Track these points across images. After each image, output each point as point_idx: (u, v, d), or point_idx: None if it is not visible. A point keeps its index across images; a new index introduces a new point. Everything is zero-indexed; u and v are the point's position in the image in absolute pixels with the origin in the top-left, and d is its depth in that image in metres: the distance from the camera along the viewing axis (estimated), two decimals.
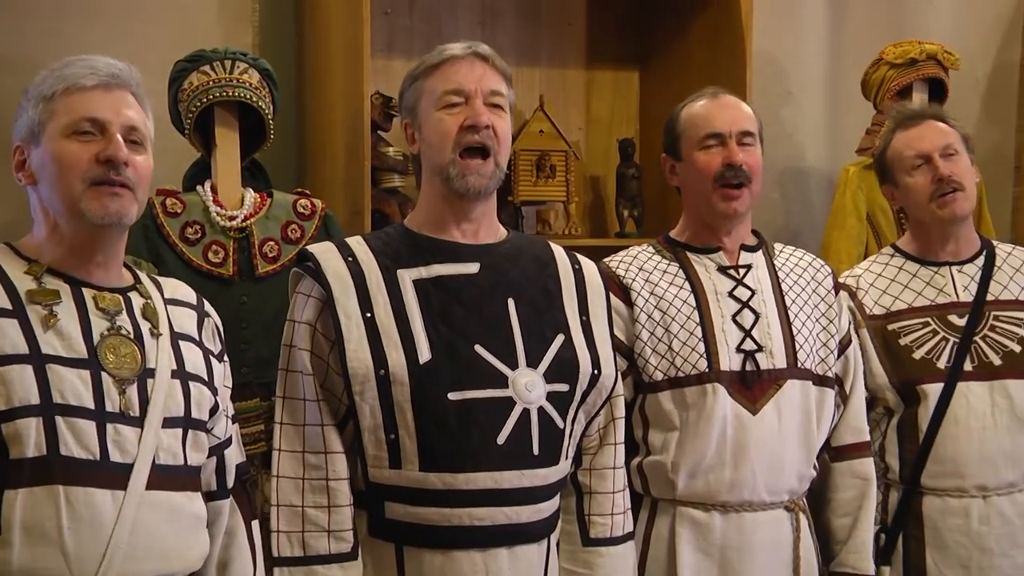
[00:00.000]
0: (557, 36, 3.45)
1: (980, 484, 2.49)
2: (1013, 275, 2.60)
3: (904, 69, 3.36)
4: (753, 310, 2.34)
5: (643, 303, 2.33)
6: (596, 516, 2.11)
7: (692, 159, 2.36)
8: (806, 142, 3.73)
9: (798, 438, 2.33)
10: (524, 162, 3.27)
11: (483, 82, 2.00)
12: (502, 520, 1.94)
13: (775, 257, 2.44)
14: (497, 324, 1.98)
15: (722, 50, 3.19)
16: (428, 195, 2.05)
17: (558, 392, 1.99)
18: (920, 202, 2.57)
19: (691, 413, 2.28)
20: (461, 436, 1.92)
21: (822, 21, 3.74)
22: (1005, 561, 2.49)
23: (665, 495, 2.31)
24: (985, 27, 3.90)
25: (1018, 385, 2.51)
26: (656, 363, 2.30)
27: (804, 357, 2.34)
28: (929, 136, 2.57)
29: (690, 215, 2.44)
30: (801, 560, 2.33)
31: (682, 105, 2.44)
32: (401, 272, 1.98)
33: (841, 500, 2.43)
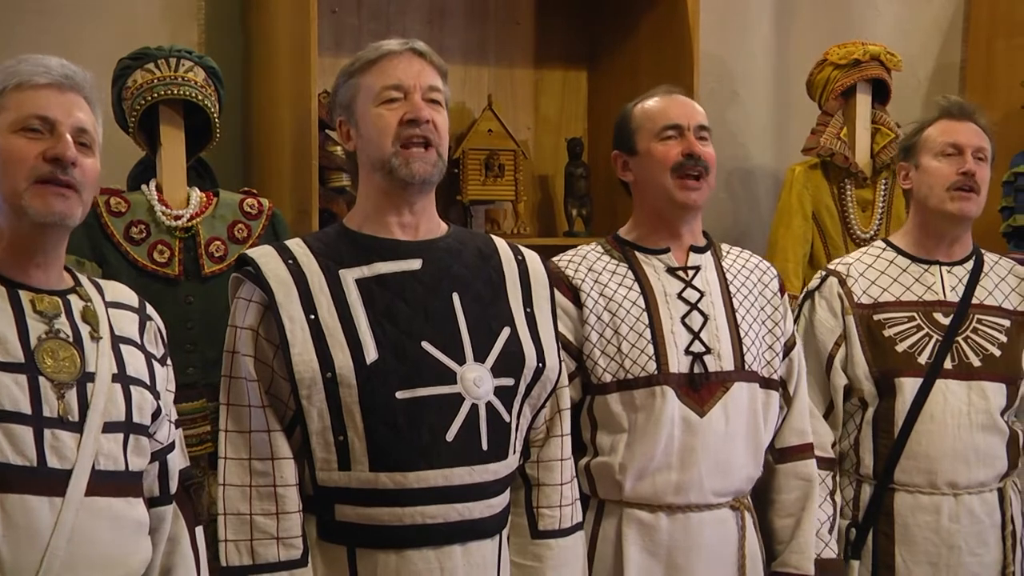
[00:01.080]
0: (505, 35, 3.45)
1: (951, 481, 2.52)
2: (999, 283, 2.64)
3: (848, 70, 3.40)
4: (702, 312, 2.35)
5: (592, 304, 2.33)
6: (544, 508, 2.11)
7: (650, 151, 2.36)
8: (752, 142, 3.76)
9: (745, 440, 2.34)
10: (473, 161, 3.27)
11: (421, 77, 1.99)
12: (454, 517, 1.93)
13: (723, 259, 2.45)
14: (443, 320, 1.97)
15: (669, 51, 3.21)
16: (367, 192, 2.04)
17: (504, 386, 1.99)
18: (936, 187, 2.58)
19: (639, 415, 2.28)
20: (410, 435, 1.91)
21: (767, 23, 3.78)
22: (972, 559, 2.53)
23: (612, 496, 2.32)
24: (926, 30, 3.96)
25: (994, 387, 2.54)
26: (605, 365, 2.31)
27: (751, 359, 2.36)
28: (968, 133, 2.59)
29: (642, 212, 2.44)
30: (747, 559, 2.34)
31: (634, 103, 2.44)
32: (343, 272, 1.97)
33: (784, 501, 2.45)
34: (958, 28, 3.95)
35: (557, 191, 3.49)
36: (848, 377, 2.58)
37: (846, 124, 3.43)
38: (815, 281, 2.68)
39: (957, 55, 3.95)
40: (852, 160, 3.38)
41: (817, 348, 2.56)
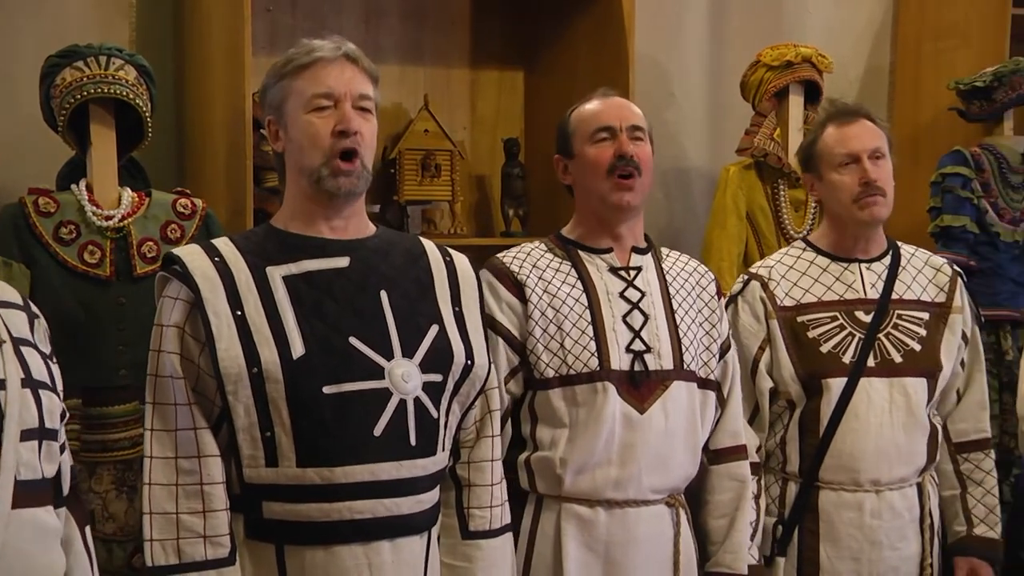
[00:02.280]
0: (442, 35, 3.45)
1: (874, 479, 2.55)
2: (916, 276, 2.67)
3: (781, 71, 3.45)
4: (643, 311, 2.37)
5: (537, 300, 2.34)
6: (475, 509, 2.11)
7: (584, 154, 2.38)
8: (688, 143, 3.80)
9: (683, 438, 2.36)
10: (409, 161, 3.26)
11: (352, 85, 1.99)
12: (382, 512, 1.93)
13: (663, 261, 2.47)
14: (371, 316, 1.97)
15: (605, 52, 3.23)
16: (294, 193, 2.04)
17: (432, 382, 1.99)
18: (843, 200, 2.60)
19: (581, 411, 2.30)
20: (338, 430, 1.90)
21: (702, 25, 3.81)
22: (893, 553, 2.57)
23: (551, 491, 2.33)
24: (857, 33, 4.02)
25: (916, 383, 2.57)
26: (548, 360, 2.32)
27: (689, 360, 2.38)
28: (861, 136, 2.59)
29: (582, 214, 2.45)
30: (681, 554, 2.36)
31: (574, 107, 2.46)
32: (270, 269, 1.96)
33: (718, 502, 2.47)
34: (887, 31, 4.01)
35: (494, 191, 3.50)
36: (774, 380, 2.60)
37: (779, 125, 3.48)
38: (737, 285, 2.70)
39: (887, 58, 4.01)
40: (785, 160, 3.42)
41: (741, 352, 2.58)
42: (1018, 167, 3.52)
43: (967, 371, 2.69)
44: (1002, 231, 3.48)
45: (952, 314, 2.64)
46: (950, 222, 3.45)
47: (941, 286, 2.67)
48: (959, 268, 3.05)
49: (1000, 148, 3.52)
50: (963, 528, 2.65)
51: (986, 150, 3.51)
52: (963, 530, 2.65)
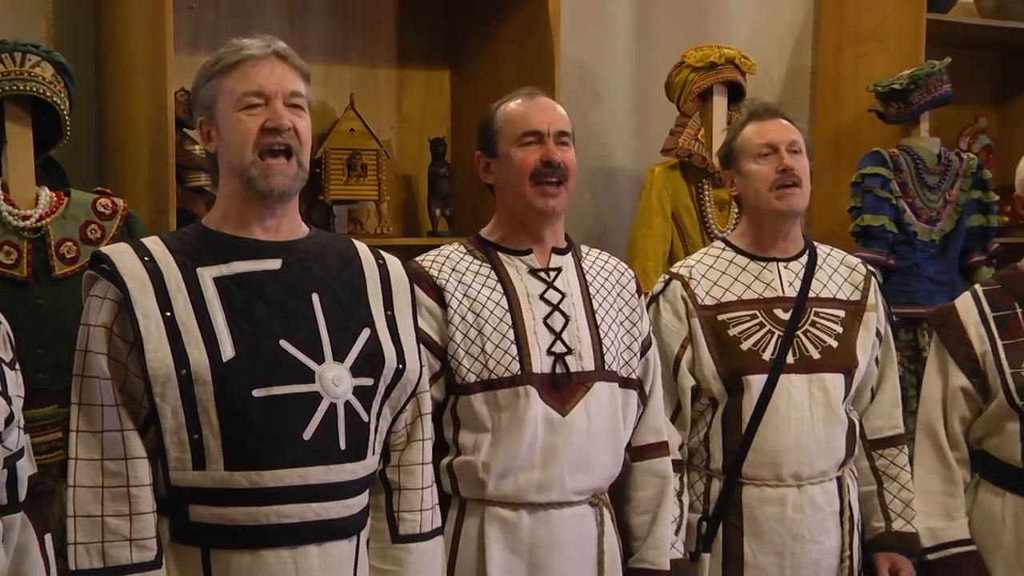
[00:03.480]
0: (367, 35, 3.43)
1: (796, 473, 2.59)
2: (832, 274, 2.72)
3: (705, 72, 3.48)
4: (563, 313, 2.37)
5: (457, 304, 2.34)
6: (405, 512, 2.11)
7: (509, 156, 2.37)
8: (614, 143, 3.82)
9: (606, 439, 2.37)
10: (335, 161, 3.24)
11: (283, 83, 1.97)
12: (311, 517, 1.92)
13: (583, 260, 2.48)
14: (302, 319, 1.96)
15: (531, 52, 3.23)
16: (227, 194, 2.02)
17: (363, 386, 1.99)
18: (760, 190, 2.64)
19: (503, 415, 2.30)
20: (266, 433, 1.89)
21: (627, 26, 3.84)
22: (814, 547, 2.61)
23: (474, 495, 2.33)
24: (779, 35, 4.07)
25: (833, 379, 2.62)
26: (469, 365, 2.31)
27: (611, 360, 2.39)
28: (779, 130, 2.66)
29: (503, 214, 2.45)
30: (605, 554, 2.38)
31: (498, 104, 2.44)
32: (201, 270, 1.94)
33: (641, 498, 2.49)
34: (809, 34, 4.07)
35: (420, 191, 3.49)
36: (696, 378, 2.63)
37: (703, 125, 3.52)
38: (659, 285, 2.72)
39: (808, 60, 4.07)
40: (709, 160, 3.46)
41: (663, 351, 2.60)
42: (934, 168, 3.60)
43: (880, 369, 2.75)
44: (919, 230, 3.56)
45: (867, 312, 2.70)
46: (870, 221, 3.52)
47: (856, 285, 2.72)
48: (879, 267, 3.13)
49: (917, 149, 3.60)
50: (881, 524, 2.70)
51: (904, 151, 3.59)
52: (881, 526, 2.70)
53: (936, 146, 3.64)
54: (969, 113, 4.26)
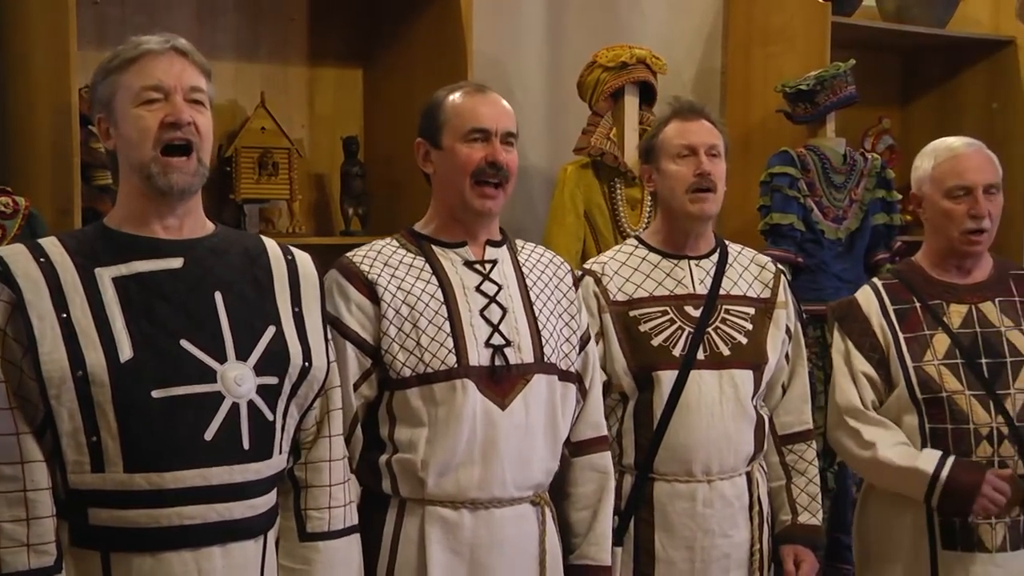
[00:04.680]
0: (278, 32, 3.39)
1: (706, 469, 2.62)
2: (742, 272, 2.75)
3: (616, 72, 3.51)
4: (500, 305, 2.36)
5: (390, 299, 2.31)
6: (312, 510, 2.09)
7: (453, 151, 2.34)
8: (527, 141, 3.81)
9: (545, 432, 2.36)
10: (246, 160, 3.20)
11: (183, 78, 1.94)
12: (213, 518, 1.90)
13: (519, 253, 2.47)
14: (204, 318, 1.94)
15: (444, 50, 3.23)
16: (127, 192, 1.99)
17: (268, 385, 1.97)
18: (676, 190, 2.66)
19: (440, 410, 2.27)
20: (167, 434, 1.87)
21: (540, 25, 3.85)
22: (724, 541, 2.64)
23: (414, 494, 2.30)
24: (690, 36, 4.11)
25: (743, 375, 2.65)
26: (404, 359, 2.29)
27: (550, 352, 2.38)
28: (700, 132, 2.67)
29: (438, 206, 2.42)
30: (547, 553, 2.37)
31: (446, 92, 2.40)
32: (99, 271, 1.91)
33: (581, 494, 2.49)
34: (719, 35, 4.11)
35: (333, 190, 3.46)
36: (607, 373, 2.64)
37: (615, 125, 3.54)
38: None
39: (718, 60, 4.11)
40: (621, 160, 3.49)
41: None
42: (840, 167, 3.68)
43: (791, 365, 2.78)
44: (826, 229, 3.63)
45: (776, 309, 2.74)
46: (778, 220, 3.57)
47: (766, 283, 2.76)
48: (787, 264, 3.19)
49: (823, 149, 3.67)
50: (788, 517, 2.74)
51: (811, 151, 3.65)
52: (788, 519, 2.74)
53: (842, 146, 3.71)
54: (873, 114, 4.35)
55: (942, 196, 2.73)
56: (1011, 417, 2.65)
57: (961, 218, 2.71)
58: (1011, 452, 2.65)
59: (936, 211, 2.75)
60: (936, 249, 2.80)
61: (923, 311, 2.74)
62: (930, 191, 2.76)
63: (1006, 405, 2.65)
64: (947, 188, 2.72)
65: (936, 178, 2.75)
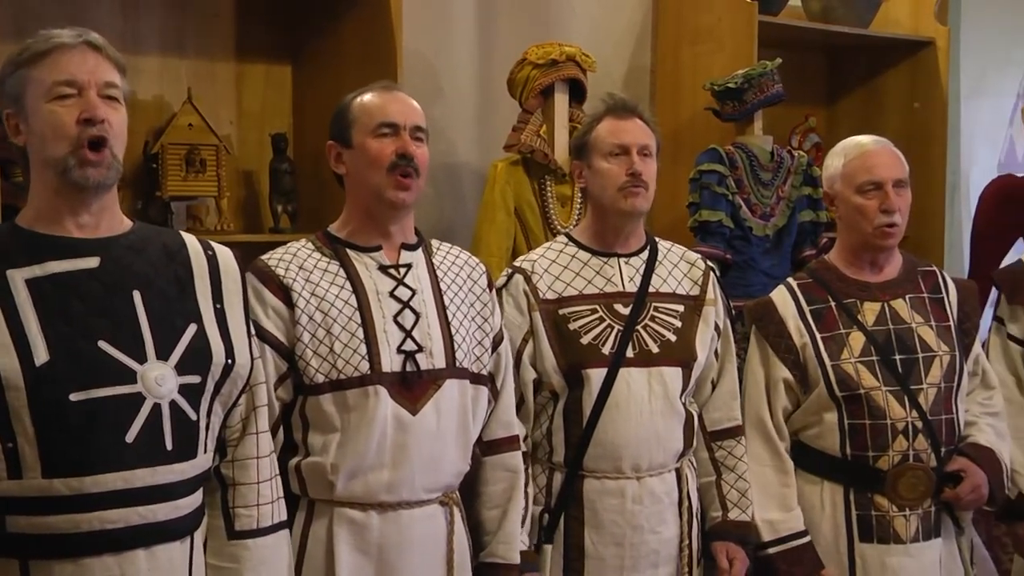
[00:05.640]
0: (204, 27, 3.34)
1: (635, 465, 2.64)
2: (672, 270, 2.77)
3: (546, 69, 3.51)
4: (414, 310, 2.36)
5: (304, 304, 2.31)
6: (241, 508, 2.07)
7: (364, 146, 2.36)
8: (457, 138, 3.82)
9: (455, 436, 2.38)
10: (172, 156, 3.15)
11: (97, 73, 1.91)
12: (136, 520, 1.87)
13: (433, 256, 2.47)
14: (122, 318, 1.91)
15: (373, 46, 3.21)
16: (39, 189, 1.95)
17: (190, 384, 1.95)
18: (607, 188, 2.67)
19: (352, 415, 2.28)
20: (86, 438, 1.84)
21: (471, 22, 3.84)
22: (653, 537, 2.66)
23: (323, 496, 2.31)
24: (619, 33, 4.12)
25: (672, 372, 2.67)
26: (317, 365, 2.29)
27: (462, 356, 2.39)
28: (634, 131, 2.69)
29: (353, 208, 2.43)
30: (455, 553, 2.38)
31: (354, 95, 2.43)
32: (11, 272, 1.88)
33: (491, 493, 2.51)
34: (648, 33, 4.13)
35: (262, 187, 3.43)
36: (537, 371, 2.66)
37: (545, 122, 3.54)
38: (502, 279, 2.74)
39: (647, 58, 4.13)
40: (551, 157, 3.49)
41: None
42: (767, 165, 3.71)
43: (720, 362, 2.82)
44: (754, 226, 3.66)
45: (706, 307, 2.77)
46: (707, 217, 3.60)
47: (695, 280, 2.79)
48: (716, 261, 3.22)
49: (751, 147, 3.71)
50: (719, 514, 2.77)
51: (739, 148, 3.69)
52: (719, 516, 2.77)
53: (769, 144, 3.75)
54: (800, 112, 4.40)
55: (853, 192, 2.79)
56: (924, 411, 2.71)
57: (873, 213, 2.76)
58: (925, 446, 2.71)
59: (848, 207, 2.81)
60: (850, 246, 2.86)
61: (838, 310, 2.79)
62: (842, 188, 2.82)
63: (919, 400, 2.72)
64: (858, 184, 2.78)
65: (847, 175, 2.81)
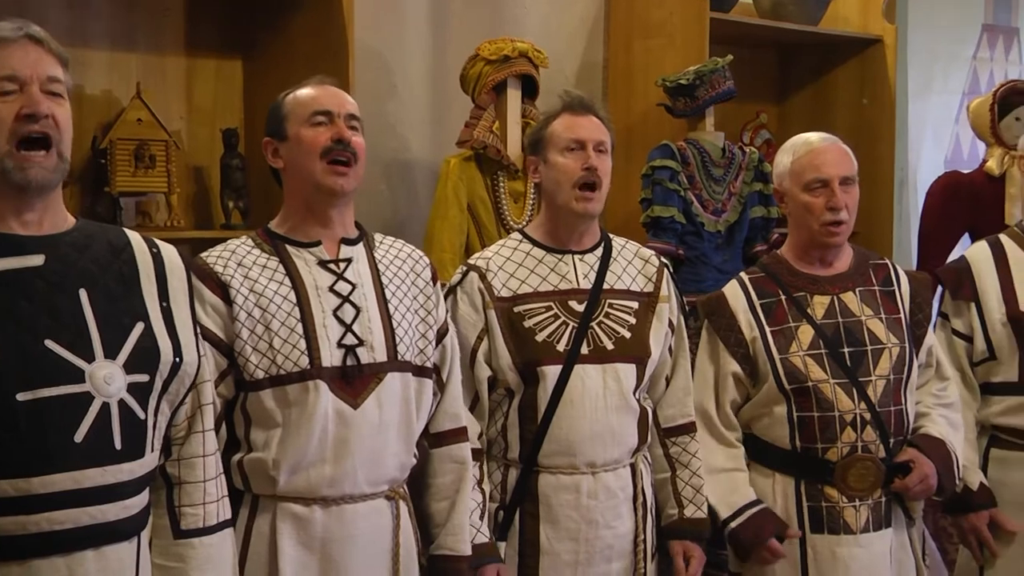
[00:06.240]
0: (154, 21, 3.31)
1: (590, 461, 2.65)
2: (626, 267, 2.78)
3: (499, 65, 3.51)
4: (354, 304, 2.36)
5: (243, 301, 2.30)
6: (187, 507, 2.06)
7: (299, 136, 2.36)
8: (411, 134, 3.81)
9: (398, 429, 2.38)
10: (121, 152, 3.12)
11: (39, 67, 1.88)
12: (86, 521, 1.85)
13: (375, 249, 2.47)
14: (69, 317, 1.88)
15: (325, 42, 3.19)
16: None
17: (138, 383, 1.93)
18: (562, 183, 2.67)
19: (293, 410, 2.28)
20: (34, 438, 1.81)
21: (423, 17, 3.83)
22: (608, 532, 2.67)
23: (266, 491, 2.30)
24: (572, 29, 4.13)
25: (626, 369, 2.68)
26: (257, 361, 2.28)
27: (404, 350, 2.39)
28: (590, 128, 2.69)
29: (292, 202, 2.43)
30: (400, 547, 2.38)
31: (286, 92, 2.44)
32: None
33: (439, 485, 2.51)
34: (600, 29, 4.15)
35: (213, 183, 3.40)
36: (493, 369, 2.66)
37: (498, 118, 3.55)
38: (456, 276, 2.74)
39: (600, 54, 4.15)
40: (504, 153, 3.50)
41: (461, 343, 2.62)
42: (719, 161, 3.74)
43: (674, 358, 2.83)
44: (706, 221, 3.69)
45: (660, 303, 2.78)
46: (660, 213, 3.62)
47: (649, 277, 2.80)
48: (669, 257, 3.24)
49: (703, 143, 3.73)
50: (675, 511, 2.79)
51: (691, 144, 3.71)
52: (675, 513, 2.79)
53: (720, 140, 3.78)
54: (751, 109, 4.44)
55: (801, 189, 2.83)
56: (872, 403, 2.75)
57: (820, 210, 2.80)
58: (873, 437, 2.75)
59: (796, 204, 2.84)
60: (799, 242, 2.89)
61: (788, 303, 2.82)
62: (790, 185, 2.85)
63: (868, 392, 2.75)
64: (805, 181, 2.81)
65: (795, 172, 2.84)
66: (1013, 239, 3.09)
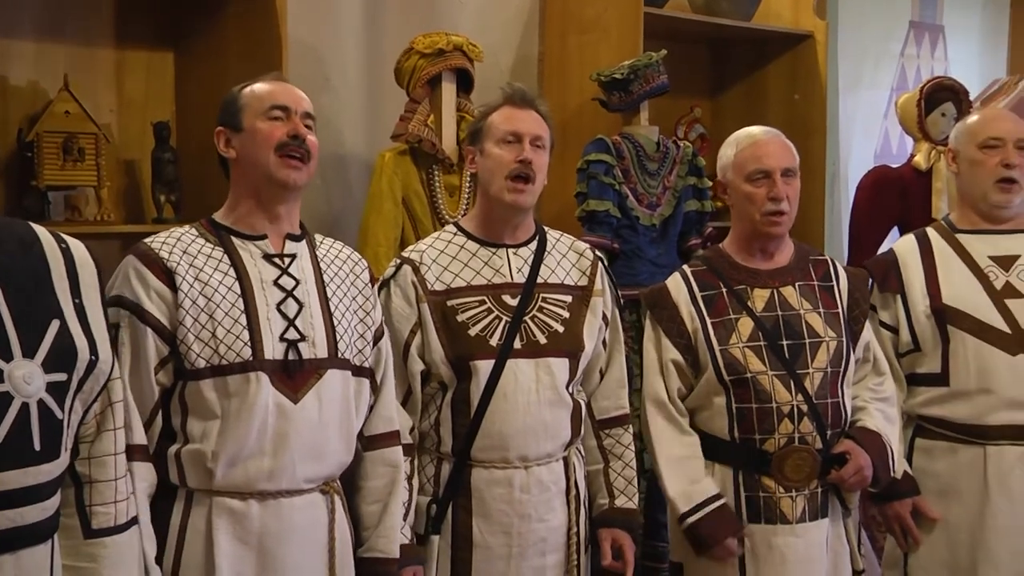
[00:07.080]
0: (82, 12, 3.25)
1: (523, 455, 2.66)
2: (560, 260, 2.79)
3: (433, 59, 3.51)
4: (297, 299, 2.36)
5: (188, 288, 2.29)
6: (98, 506, 2.04)
7: (255, 128, 2.36)
8: (345, 129, 3.79)
9: (338, 426, 2.38)
10: (49, 145, 3.07)
11: None
12: (6, 525, 1.83)
13: (317, 248, 2.47)
14: None
15: (258, 35, 3.16)
16: None
17: (57, 382, 1.90)
18: (496, 173, 2.68)
19: (232, 401, 2.27)
20: None
21: (358, 12, 3.81)
22: (541, 525, 2.69)
23: (202, 486, 2.29)
24: (507, 22, 4.13)
25: (559, 363, 2.70)
26: (199, 350, 2.27)
27: (344, 347, 2.39)
28: (528, 121, 2.70)
29: (240, 193, 2.41)
30: (336, 540, 2.39)
31: (243, 85, 2.44)
32: None
33: (372, 488, 2.51)
34: (535, 22, 4.15)
35: (144, 176, 3.36)
36: (426, 363, 2.67)
37: (433, 112, 3.54)
38: (390, 269, 2.74)
39: (535, 48, 4.15)
40: (439, 147, 3.49)
41: (393, 336, 2.63)
42: (653, 155, 3.77)
43: (608, 351, 2.85)
44: (641, 215, 3.72)
45: (593, 297, 2.80)
46: (595, 207, 3.64)
47: (583, 270, 2.82)
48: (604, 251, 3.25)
49: (638, 137, 3.76)
50: (606, 501, 2.81)
51: (625, 139, 3.73)
52: (606, 503, 2.81)
53: (655, 134, 3.81)
54: (685, 103, 4.48)
55: (743, 181, 2.86)
56: (810, 395, 2.78)
57: (761, 201, 2.83)
58: (810, 428, 2.79)
59: (739, 195, 2.88)
60: (741, 234, 2.92)
61: (729, 296, 2.85)
62: (733, 177, 2.89)
63: (805, 384, 2.79)
64: (748, 173, 2.85)
65: (738, 164, 2.88)
66: (939, 233, 3.15)
